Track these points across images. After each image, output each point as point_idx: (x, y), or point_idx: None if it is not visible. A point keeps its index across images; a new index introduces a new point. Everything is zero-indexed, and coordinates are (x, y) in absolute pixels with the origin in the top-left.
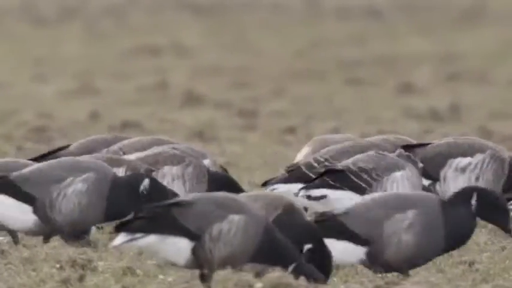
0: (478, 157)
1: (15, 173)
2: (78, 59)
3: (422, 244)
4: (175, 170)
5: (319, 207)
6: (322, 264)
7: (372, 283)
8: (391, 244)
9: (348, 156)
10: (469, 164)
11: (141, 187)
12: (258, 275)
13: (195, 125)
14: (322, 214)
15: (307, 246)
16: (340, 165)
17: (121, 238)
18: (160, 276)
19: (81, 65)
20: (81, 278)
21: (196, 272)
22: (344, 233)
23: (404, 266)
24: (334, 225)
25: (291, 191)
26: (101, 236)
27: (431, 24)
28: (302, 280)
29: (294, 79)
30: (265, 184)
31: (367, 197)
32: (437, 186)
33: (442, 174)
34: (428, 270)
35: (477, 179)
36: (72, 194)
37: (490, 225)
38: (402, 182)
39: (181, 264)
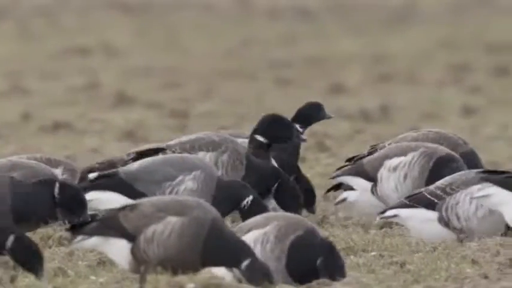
0: (410, 156)
1: (124, 169)
2: (9, 59)
3: None
4: (209, 156)
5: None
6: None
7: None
8: None
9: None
10: (400, 162)
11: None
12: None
13: (126, 126)
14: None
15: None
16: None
17: (74, 239)
18: (92, 277)
19: (12, 65)
20: (12, 279)
21: (127, 273)
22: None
23: None
24: None
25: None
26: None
27: (361, 24)
28: (232, 280)
29: (224, 79)
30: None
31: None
32: (377, 187)
33: (378, 175)
34: (360, 271)
35: (405, 177)
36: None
37: None
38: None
39: (126, 266)
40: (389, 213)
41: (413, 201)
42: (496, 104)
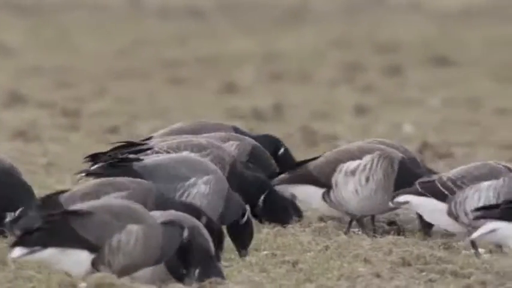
0: (367, 158)
1: (138, 163)
2: None
3: None
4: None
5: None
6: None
7: (198, 284)
8: None
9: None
10: (358, 165)
11: None
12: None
13: (18, 125)
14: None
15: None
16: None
17: (19, 250)
18: None
19: None
20: None
21: (20, 272)
22: None
23: None
24: None
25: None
26: None
27: (253, 24)
28: (125, 279)
29: (116, 78)
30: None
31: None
32: (331, 193)
33: (333, 180)
34: (252, 270)
35: (367, 179)
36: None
37: (314, 225)
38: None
39: (80, 276)
40: (401, 198)
41: (426, 189)
42: (388, 103)
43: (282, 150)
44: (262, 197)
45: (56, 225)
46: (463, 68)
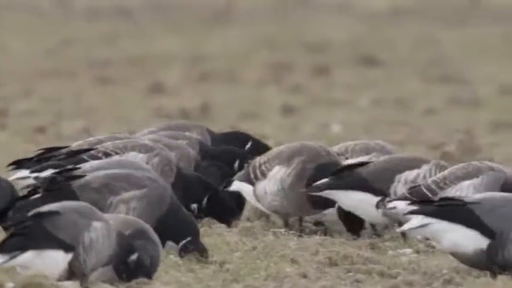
0: (425, 168)
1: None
2: None
3: None
4: (140, 157)
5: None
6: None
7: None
8: None
9: None
10: (418, 175)
11: None
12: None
13: None
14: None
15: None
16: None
17: (0, 258)
18: None
19: None
20: None
21: None
22: (473, 221)
23: None
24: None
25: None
26: None
27: (181, 24)
28: (53, 279)
29: (44, 78)
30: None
31: (491, 193)
32: (387, 202)
33: (392, 189)
34: (179, 270)
35: None
36: None
37: (241, 225)
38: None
39: (55, 276)
40: (390, 204)
41: (412, 194)
42: (316, 103)
43: (249, 143)
44: (206, 198)
45: (31, 228)
46: (391, 68)
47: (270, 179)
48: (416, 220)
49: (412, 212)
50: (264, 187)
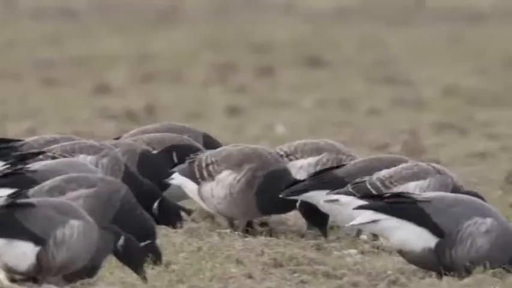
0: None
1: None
2: None
3: (492, 253)
4: (89, 159)
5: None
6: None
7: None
8: (464, 243)
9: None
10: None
11: None
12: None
13: None
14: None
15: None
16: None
17: None
18: None
19: None
20: None
21: None
22: (424, 219)
23: (465, 268)
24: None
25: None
26: None
27: (126, 24)
28: (4, 279)
29: None
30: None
31: (442, 193)
32: None
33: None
34: (124, 271)
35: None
36: None
37: (186, 226)
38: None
39: (23, 270)
40: (332, 197)
41: (356, 189)
42: (260, 104)
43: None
44: (156, 203)
45: (2, 217)
46: (336, 68)
47: (218, 182)
48: (366, 215)
49: (362, 207)
50: (211, 189)
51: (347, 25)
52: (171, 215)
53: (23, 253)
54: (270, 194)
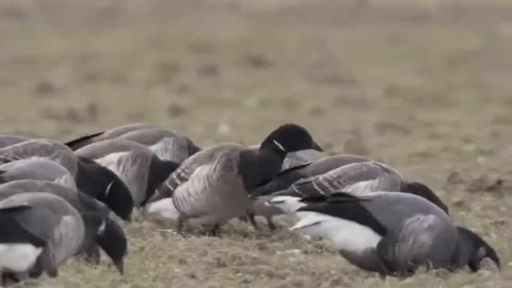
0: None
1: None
2: None
3: (435, 250)
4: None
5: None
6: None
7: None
8: (407, 240)
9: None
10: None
11: None
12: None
13: None
14: (341, 194)
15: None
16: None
17: None
18: None
19: None
20: None
21: None
22: (366, 218)
23: (407, 265)
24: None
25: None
26: None
27: (69, 24)
28: None
29: None
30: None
31: (384, 192)
32: None
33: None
34: (67, 270)
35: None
36: None
37: (129, 226)
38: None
39: (22, 270)
40: (277, 198)
41: (302, 190)
42: (204, 104)
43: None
44: (109, 186)
45: (1, 222)
46: (279, 68)
47: (193, 179)
48: (309, 218)
49: (304, 209)
50: (186, 189)
51: (290, 25)
52: (123, 200)
53: (23, 256)
54: (254, 170)
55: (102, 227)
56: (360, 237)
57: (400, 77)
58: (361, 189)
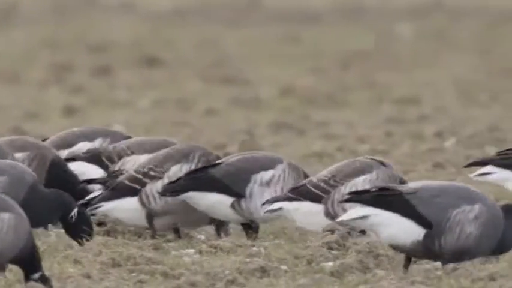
0: (280, 168)
1: None
2: None
3: (482, 239)
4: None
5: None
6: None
7: None
8: (453, 232)
9: None
10: (273, 176)
11: None
12: None
13: None
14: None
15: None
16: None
17: None
18: None
19: None
20: None
21: None
22: (410, 211)
23: (456, 256)
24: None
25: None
26: None
27: None
28: None
29: None
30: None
31: (430, 182)
32: (242, 203)
33: (247, 190)
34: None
35: (282, 189)
36: None
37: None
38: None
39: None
40: (274, 206)
41: (298, 194)
42: (97, 104)
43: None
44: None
45: None
46: (173, 68)
47: (171, 178)
48: (356, 211)
49: (350, 200)
50: (158, 187)
51: (184, 25)
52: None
53: None
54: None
55: (73, 213)
56: (406, 232)
57: (294, 77)
58: (359, 184)
